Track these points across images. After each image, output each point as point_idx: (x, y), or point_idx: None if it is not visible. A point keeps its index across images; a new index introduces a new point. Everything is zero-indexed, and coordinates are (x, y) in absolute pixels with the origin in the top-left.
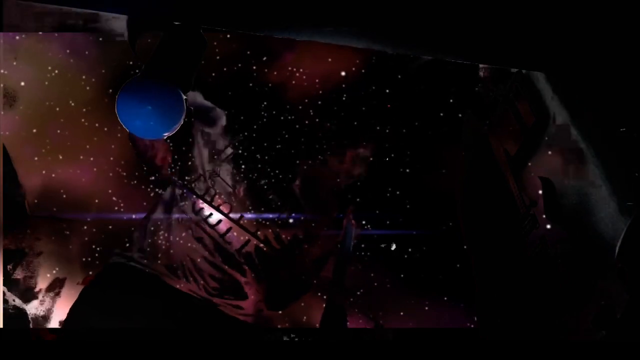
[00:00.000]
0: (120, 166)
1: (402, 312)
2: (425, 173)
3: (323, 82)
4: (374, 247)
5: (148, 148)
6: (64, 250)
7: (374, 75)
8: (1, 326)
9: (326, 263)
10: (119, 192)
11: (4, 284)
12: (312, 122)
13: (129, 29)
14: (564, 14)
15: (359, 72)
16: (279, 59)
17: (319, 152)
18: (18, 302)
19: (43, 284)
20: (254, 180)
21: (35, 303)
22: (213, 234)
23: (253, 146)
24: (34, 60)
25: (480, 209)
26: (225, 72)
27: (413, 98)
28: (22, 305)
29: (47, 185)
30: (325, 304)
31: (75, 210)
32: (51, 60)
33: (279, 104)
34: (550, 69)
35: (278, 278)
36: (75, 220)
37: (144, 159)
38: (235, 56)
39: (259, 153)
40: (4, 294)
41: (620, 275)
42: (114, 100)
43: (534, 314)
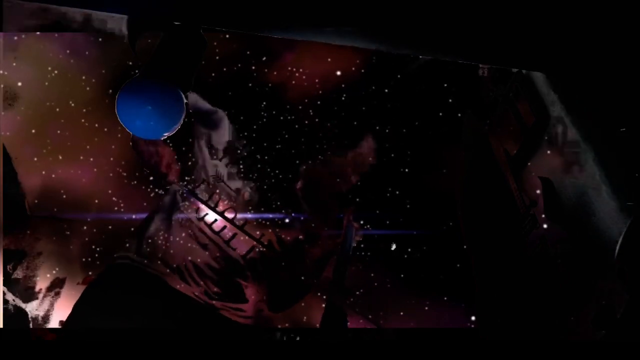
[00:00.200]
0: (121, 166)
1: (402, 312)
2: (426, 173)
3: (323, 82)
4: (374, 247)
5: (152, 155)
6: (64, 251)
7: (374, 75)
8: (1, 326)
9: (327, 264)
10: (119, 192)
11: (4, 284)
12: (312, 122)
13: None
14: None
15: (359, 72)
16: (279, 59)
17: (319, 152)
18: (18, 302)
19: (43, 284)
20: (254, 180)
21: (35, 303)
22: (217, 241)
23: (253, 146)
24: (34, 61)
25: (480, 209)
26: (225, 72)
27: (413, 98)
28: (22, 305)
29: (47, 186)
30: (325, 305)
31: (75, 210)
32: (51, 61)
33: (279, 104)
34: (550, 69)
35: (279, 280)
36: (76, 220)
37: (148, 166)
38: (235, 56)
39: (259, 153)
40: (4, 294)
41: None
42: (114, 101)
43: (534, 314)
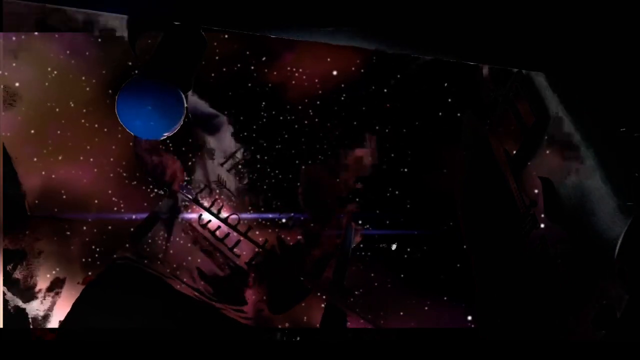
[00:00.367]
0: (121, 167)
1: (402, 312)
2: (426, 173)
3: (323, 82)
4: (374, 247)
5: (157, 165)
6: (64, 251)
7: (373, 75)
8: (1, 326)
9: (327, 265)
10: (119, 193)
11: (4, 284)
12: (312, 122)
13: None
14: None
15: (359, 72)
16: (279, 59)
17: (319, 152)
18: (18, 302)
19: (43, 284)
20: (255, 180)
21: (35, 303)
22: (222, 247)
23: (253, 146)
24: (34, 61)
25: (480, 209)
26: (225, 73)
27: (413, 98)
28: (22, 305)
29: (48, 186)
30: (325, 305)
31: (75, 210)
32: (51, 61)
33: (279, 104)
34: (550, 69)
35: (280, 282)
36: (76, 220)
37: (152, 176)
38: (235, 56)
39: (259, 153)
40: (4, 294)
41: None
42: (114, 101)
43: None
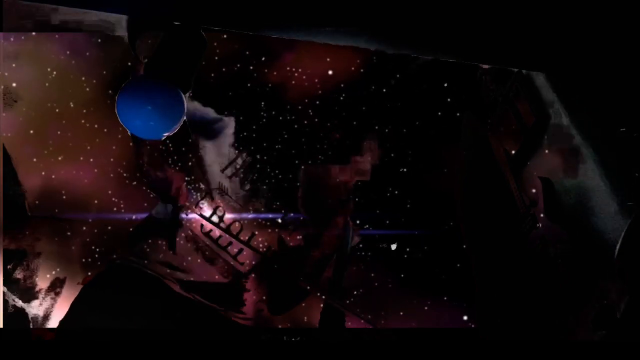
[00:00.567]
0: (121, 167)
1: (402, 312)
2: (426, 173)
3: (323, 82)
4: (375, 247)
5: (161, 180)
6: (64, 251)
7: (373, 75)
8: (1, 326)
9: (327, 265)
10: (120, 193)
11: (4, 284)
12: (312, 122)
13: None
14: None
15: (359, 72)
16: (279, 59)
17: (319, 153)
18: (18, 302)
19: (43, 284)
20: (255, 181)
21: (35, 303)
22: (225, 256)
23: (253, 147)
24: (34, 61)
25: (480, 209)
26: (225, 73)
27: (413, 98)
28: (22, 305)
29: (48, 186)
30: (323, 305)
31: (75, 210)
32: (51, 61)
33: (279, 104)
34: (550, 69)
35: (279, 283)
36: (76, 220)
37: (156, 191)
38: (235, 56)
39: (259, 154)
40: (4, 294)
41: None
42: (114, 101)
43: (534, 314)
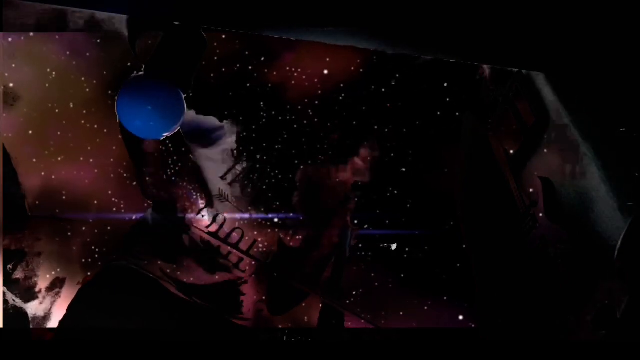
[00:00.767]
0: (121, 167)
1: (402, 312)
2: (426, 173)
3: (323, 82)
4: (375, 247)
5: (167, 202)
6: (64, 251)
7: (374, 75)
8: (1, 326)
9: (327, 266)
10: (120, 193)
11: (4, 284)
12: (312, 122)
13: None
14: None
15: (359, 72)
16: (279, 59)
17: (319, 153)
18: (18, 302)
19: (43, 284)
20: (255, 183)
21: (35, 303)
22: (226, 264)
23: (253, 147)
24: (35, 61)
25: (480, 209)
26: (225, 73)
27: (413, 98)
28: (22, 305)
29: (48, 186)
30: (322, 305)
31: (75, 210)
32: (52, 62)
33: (279, 104)
34: (550, 69)
35: (280, 285)
36: (76, 220)
37: (162, 212)
38: (235, 56)
39: (259, 154)
40: (4, 294)
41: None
42: (114, 102)
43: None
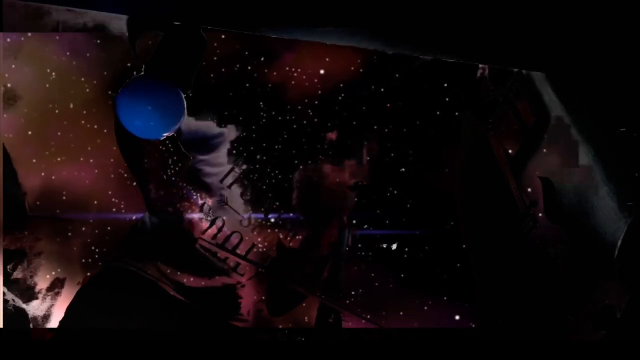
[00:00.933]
0: (122, 167)
1: (402, 312)
2: (426, 173)
3: (323, 82)
4: (375, 247)
5: (173, 215)
6: (64, 251)
7: (374, 75)
8: (1, 326)
9: (325, 266)
10: (120, 193)
11: (4, 284)
12: (312, 123)
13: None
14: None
15: (359, 72)
16: (279, 59)
17: (319, 153)
18: (18, 302)
19: (43, 284)
20: (254, 181)
21: (35, 303)
22: (224, 267)
23: (252, 147)
24: (35, 62)
25: (480, 209)
26: (225, 73)
27: (414, 98)
28: (22, 305)
29: (48, 186)
30: (319, 305)
31: (75, 210)
32: (52, 62)
33: (279, 104)
34: (550, 69)
35: (279, 287)
36: (76, 220)
37: (169, 231)
38: (235, 57)
39: (258, 154)
40: (4, 294)
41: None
42: (114, 102)
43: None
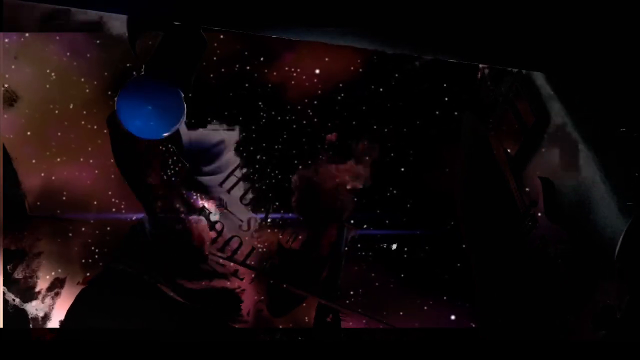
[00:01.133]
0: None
1: (403, 312)
2: (426, 173)
3: (323, 82)
4: (375, 247)
5: (181, 232)
6: (64, 251)
7: (374, 75)
8: (1, 326)
9: (325, 266)
10: (120, 193)
11: (4, 284)
12: (312, 123)
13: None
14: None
15: (359, 72)
16: (279, 59)
17: (319, 153)
18: (18, 302)
19: (43, 284)
20: (254, 182)
21: (35, 303)
22: (224, 271)
23: (252, 147)
24: (35, 62)
25: (480, 208)
26: (225, 73)
27: (413, 98)
28: (22, 305)
29: (48, 187)
30: (317, 306)
31: (75, 211)
32: (52, 62)
33: (279, 105)
34: (550, 69)
35: (279, 285)
36: (76, 220)
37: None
38: (235, 57)
39: (258, 154)
40: (4, 294)
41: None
42: (114, 102)
43: (534, 314)
